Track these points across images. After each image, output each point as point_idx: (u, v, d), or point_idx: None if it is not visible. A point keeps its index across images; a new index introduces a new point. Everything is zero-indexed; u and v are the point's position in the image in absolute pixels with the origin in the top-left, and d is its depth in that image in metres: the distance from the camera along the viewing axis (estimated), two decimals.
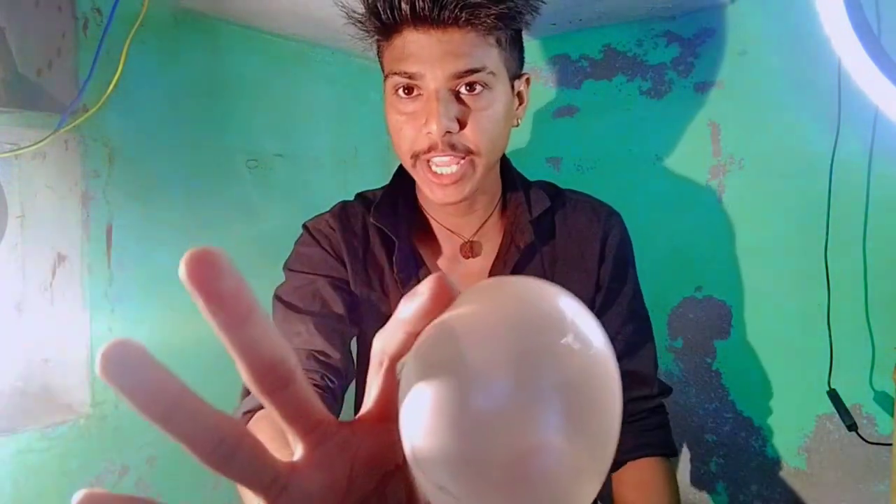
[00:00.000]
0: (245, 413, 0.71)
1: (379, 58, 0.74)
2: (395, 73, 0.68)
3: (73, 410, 0.96)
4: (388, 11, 0.66)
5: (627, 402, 0.81)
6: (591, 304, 0.81)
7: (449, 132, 0.67)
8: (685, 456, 1.15)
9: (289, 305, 0.75)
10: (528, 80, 0.77)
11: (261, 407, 0.70)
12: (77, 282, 0.95)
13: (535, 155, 1.28)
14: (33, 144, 0.86)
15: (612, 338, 0.80)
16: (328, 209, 0.84)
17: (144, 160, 1.01)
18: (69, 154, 0.95)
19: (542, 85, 1.27)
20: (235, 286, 0.21)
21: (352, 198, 0.86)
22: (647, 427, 0.81)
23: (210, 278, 0.21)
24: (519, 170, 0.86)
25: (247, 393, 0.76)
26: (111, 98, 0.89)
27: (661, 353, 1.15)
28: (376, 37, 0.72)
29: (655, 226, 1.15)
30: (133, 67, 0.92)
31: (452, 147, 0.68)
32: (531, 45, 1.27)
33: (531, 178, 0.86)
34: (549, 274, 0.80)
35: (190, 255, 0.21)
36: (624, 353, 0.81)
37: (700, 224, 1.11)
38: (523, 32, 0.75)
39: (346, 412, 0.83)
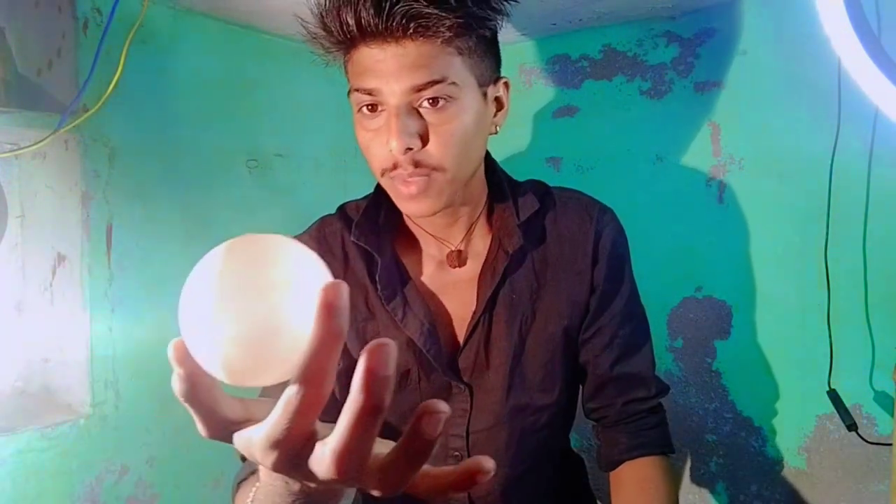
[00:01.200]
0: (240, 482, 0.66)
1: (344, 72, 0.72)
2: (356, 90, 0.66)
3: (72, 410, 0.96)
4: (338, 28, 0.64)
5: (625, 403, 0.79)
6: (585, 308, 0.79)
7: (410, 149, 0.64)
8: (685, 456, 1.15)
9: None
10: (506, 84, 0.73)
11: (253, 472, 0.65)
12: (77, 282, 0.95)
13: (534, 155, 1.28)
14: (33, 144, 0.86)
15: (609, 341, 0.78)
16: (306, 228, 0.82)
17: (144, 160, 1.01)
18: (69, 154, 0.95)
19: (542, 85, 1.27)
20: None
21: (348, 200, 0.85)
22: (645, 426, 0.80)
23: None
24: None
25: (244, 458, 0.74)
26: (111, 98, 0.89)
27: (662, 353, 1.15)
28: (335, 52, 0.70)
29: (655, 226, 1.15)
30: (133, 67, 0.92)
31: (416, 164, 0.65)
32: (531, 44, 1.28)
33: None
34: (541, 278, 0.78)
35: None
36: (622, 355, 0.80)
37: (700, 224, 1.11)
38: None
39: None
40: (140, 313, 1.00)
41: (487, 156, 0.79)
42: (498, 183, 0.79)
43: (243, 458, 0.73)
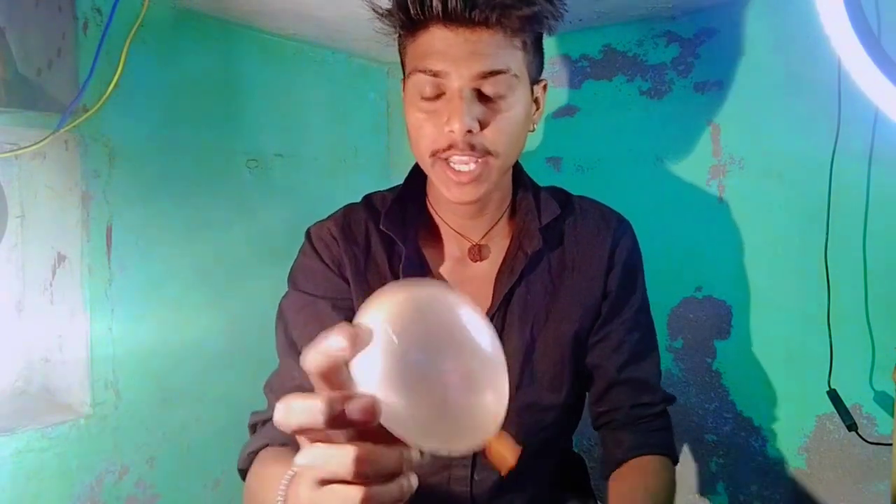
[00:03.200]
0: (250, 453, 0.71)
1: (401, 55, 0.74)
2: (420, 71, 0.67)
3: (73, 410, 0.96)
4: (418, 7, 0.66)
5: (633, 406, 0.79)
6: (596, 312, 0.80)
7: (470, 131, 0.66)
8: (685, 456, 1.15)
9: (290, 343, 0.75)
10: (545, 87, 0.76)
11: (264, 445, 0.70)
12: (77, 282, 0.95)
13: (535, 155, 1.28)
14: (33, 144, 0.86)
15: (617, 345, 0.79)
16: (331, 213, 0.83)
17: (144, 160, 1.01)
18: (69, 154, 0.95)
19: None
20: None
21: (357, 199, 0.85)
22: (650, 428, 0.81)
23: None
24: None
25: (253, 430, 0.76)
26: (111, 98, 0.89)
27: (662, 353, 1.14)
28: (401, 33, 0.71)
29: (656, 226, 1.15)
30: (133, 67, 0.92)
31: (472, 147, 0.67)
32: None
33: (553, 185, 0.86)
34: (557, 280, 0.79)
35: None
36: (628, 360, 0.80)
37: (700, 224, 1.11)
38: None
39: None
40: (140, 313, 1.01)
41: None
42: (523, 184, 0.81)
43: (253, 430, 0.74)
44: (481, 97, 0.67)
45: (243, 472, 0.72)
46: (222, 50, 1.13)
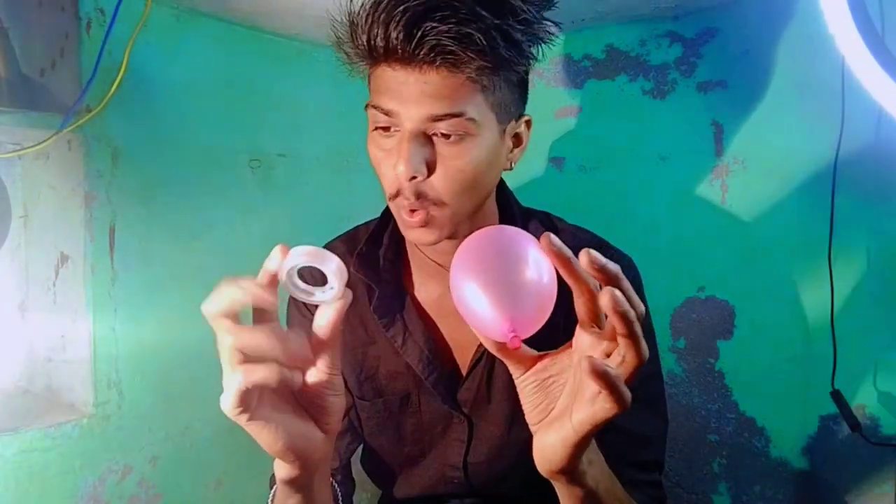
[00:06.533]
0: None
1: (367, 85, 0.71)
2: (373, 107, 0.65)
3: (76, 410, 0.96)
4: (364, 43, 0.62)
5: (627, 465, 0.67)
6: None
7: (415, 177, 0.63)
8: (687, 457, 1.15)
9: None
10: (528, 122, 0.72)
11: None
12: (80, 282, 0.95)
13: (537, 155, 1.27)
14: (36, 145, 0.86)
15: None
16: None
17: (147, 160, 1.01)
18: (72, 154, 0.95)
19: (544, 85, 1.27)
20: None
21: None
22: (640, 501, 0.68)
23: None
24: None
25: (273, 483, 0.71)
26: (114, 98, 0.89)
27: (664, 353, 1.15)
28: (360, 63, 0.68)
29: (658, 226, 1.14)
30: (136, 68, 0.93)
31: (418, 195, 0.64)
32: None
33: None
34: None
35: None
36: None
37: (703, 224, 1.11)
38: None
39: None
40: (143, 313, 1.01)
41: (501, 183, 0.76)
42: (510, 212, 0.77)
43: (272, 484, 0.72)
44: (434, 140, 0.63)
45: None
46: (225, 50, 1.13)
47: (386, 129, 0.65)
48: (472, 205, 0.68)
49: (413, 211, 0.65)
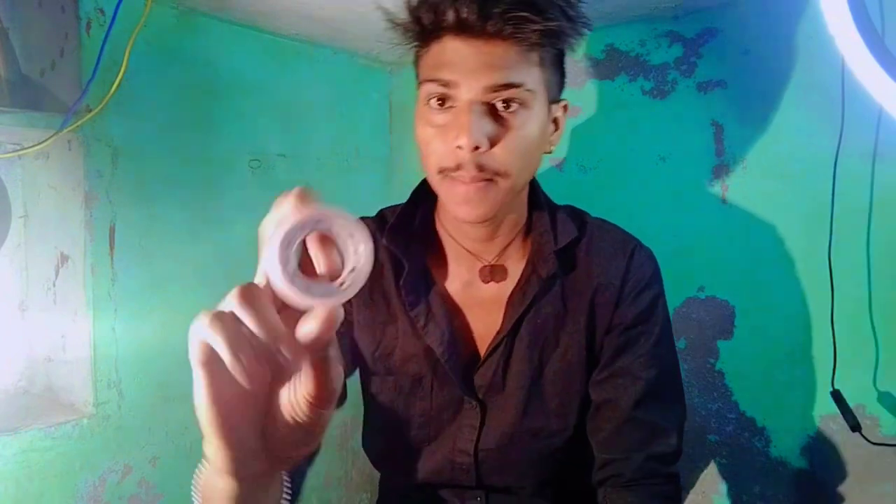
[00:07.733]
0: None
1: (415, 66, 0.72)
2: (430, 80, 0.65)
3: (76, 410, 0.96)
4: (432, 17, 0.64)
5: (646, 458, 0.71)
6: (603, 344, 0.75)
7: (478, 148, 0.63)
8: (687, 457, 1.15)
9: None
10: (565, 107, 0.73)
11: None
12: (80, 282, 0.95)
13: None
14: (36, 145, 0.86)
15: (631, 382, 0.73)
16: None
17: (147, 160, 1.01)
18: (72, 154, 0.95)
19: None
20: None
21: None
22: (659, 494, 0.72)
23: None
24: None
25: None
26: (114, 98, 0.89)
27: None
28: (415, 43, 0.69)
29: (658, 226, 1.14)
30: (136, 68, 0.92)
31: (480, 167, 0.64)
32: None
33: (570, 204, 0.83)
34: (568, 306, 0.76)
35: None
36: (644, 398, 0.73)
37: (703, 224, 1.11)
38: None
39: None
40: (143, 313, 1.01)
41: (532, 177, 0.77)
42: (539, 204, 0.78)
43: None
44: (493, 114, 0.65)
45: None
46: (225, 50, 1.13)
47: (441, 101, 0.66)
48: (525, 180, 0.71)
49: (470, 184, 0.65)
